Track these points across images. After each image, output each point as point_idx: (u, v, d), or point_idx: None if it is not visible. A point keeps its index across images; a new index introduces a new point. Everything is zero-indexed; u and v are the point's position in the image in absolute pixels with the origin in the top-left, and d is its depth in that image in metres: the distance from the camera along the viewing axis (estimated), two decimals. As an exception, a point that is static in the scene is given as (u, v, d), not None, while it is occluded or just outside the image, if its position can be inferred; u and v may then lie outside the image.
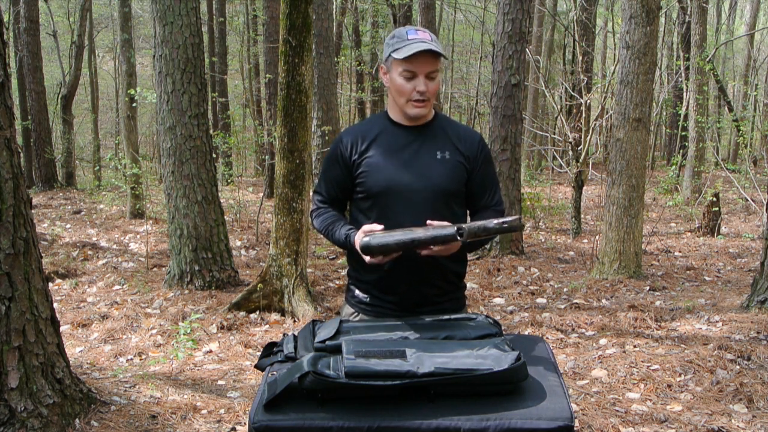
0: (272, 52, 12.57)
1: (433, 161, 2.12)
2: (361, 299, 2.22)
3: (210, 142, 6.34)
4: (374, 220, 2.12)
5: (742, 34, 20.60)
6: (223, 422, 3.31)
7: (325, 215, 2.21)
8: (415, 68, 2.05)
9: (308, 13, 5.19)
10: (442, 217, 2.11)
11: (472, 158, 2.17)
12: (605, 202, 7.00)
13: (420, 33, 2.07)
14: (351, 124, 19.18)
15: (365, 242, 1.91)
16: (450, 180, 2.13)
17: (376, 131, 2.17)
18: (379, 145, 2.14)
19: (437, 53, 2.04)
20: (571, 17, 14.16)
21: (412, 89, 2.07)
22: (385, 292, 2.17)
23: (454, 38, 20.84)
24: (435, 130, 2.17)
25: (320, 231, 2.22)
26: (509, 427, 1.59)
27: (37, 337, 3.00)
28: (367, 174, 2.12)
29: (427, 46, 2.02)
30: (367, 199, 2.14)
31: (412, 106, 2.10)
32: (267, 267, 5.53)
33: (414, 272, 2.12)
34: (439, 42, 2.12)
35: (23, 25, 14.11)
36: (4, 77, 2.92)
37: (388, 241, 1.90)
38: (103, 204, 12.31)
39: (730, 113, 16.36)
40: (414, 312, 2.13)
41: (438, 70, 2.09)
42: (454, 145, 2.16)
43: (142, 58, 22.06)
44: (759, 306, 5.00)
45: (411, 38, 2.05)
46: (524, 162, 12.94)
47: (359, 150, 2.14)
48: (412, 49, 2.02)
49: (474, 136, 2.21)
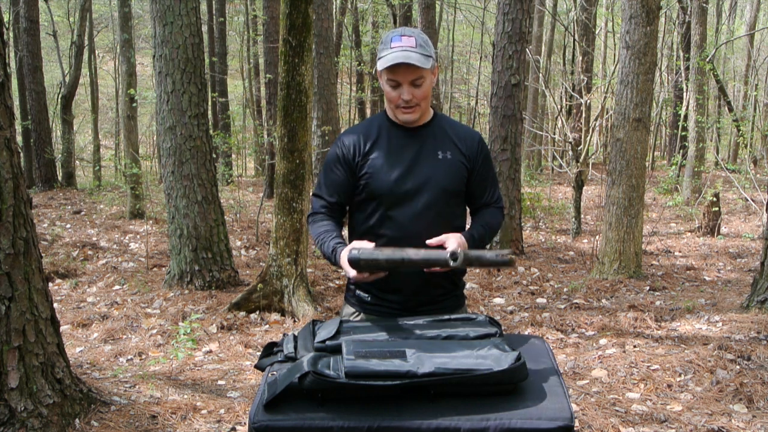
0: (272, 52, 12.57)
1: (434, 161, 2.12)
2: (362, 298, 2.21)
3: (210, 142, 6.34)
4: (377, 221, 2.12)
5: (742, 34, 20.59)
6: (223, 422, 3.31)
7: (321, 223, 2.18)
8: (397, 77, 2.04)
9: (308, 13, 5.19)
10: (444, 217, 2.12)
11: (473, 158, 2.17)
12: (605, 202, 7.00)
13: (405, 39, 2.02)
14: (351, 124, 19.23)
15: (354, 256, 1.85)
16: (452, 180, 2.13)
17: (376, 132, 2.16)
18: (381, 146, 2.14)
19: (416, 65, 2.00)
20: (571, 17, 14.16)
21: (397, 97, 2.06)
22: (387, 292, 2.17)
23: (454, 38, 20.84)
24: (435, 130, 2.17)
25: (313, 238, 2.20)
26: (509, 427, 1.59)
27: (37, 337, 3.00)
28: (371, 176, 2.11)
29: (403, 59, 1.99)
30: (371, 200, 2.13)
31: (401, 112, 2.10)
32: (267, 267, 5.53)
33: (419, 274, 2.12)
34: (429, 45, 2.07)
35: (23, 25, 14.11)
36: (4, 77, 2.92)
37: (378, 257, 1.84)
38: (103, 204, 12.31)
39: (730, 113, 16.36)
40: (415, 311, 2.13)
41: (423, 77, 2.05)
42: (454, 144, 2.16)
43: (142, 58, 22.07)
44: (759, 306, 5.00)
45: (393, 46, 2.02)
46: (524, 162, 12.94)
47: (362, 152, 2.14)
48: (389, 61, 2.00)
49: (474, 136, 2.22)
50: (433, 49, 2.10)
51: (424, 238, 2.08)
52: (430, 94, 2.14)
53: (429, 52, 2.04)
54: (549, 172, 17.93)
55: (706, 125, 13.96)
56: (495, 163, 7.89)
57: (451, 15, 20.33)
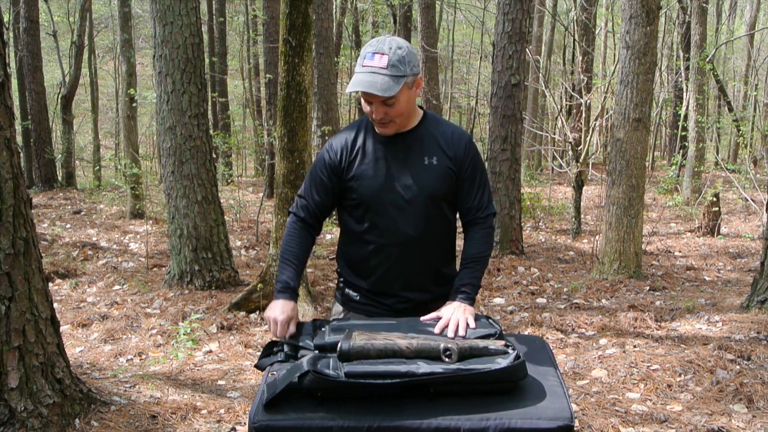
0: (272, 52, 12.57)
1: (420, 168, 2.09)
2: (352, 297, 2.22)
3: (210, 142, 6.34)
4: (366, 227, 2.12)
5: (742, 34, 20.59)
6: (223, 422, 3.31)
7: (293, 236, 2.15)
8: (367, 97, 2.00)
9: (308, 13, 5.19)
10: (432, 220, 2.10)
11: (460, 161, 2.12)
12: (605, 202, 7.00)
13: (377, 58, 1.94)
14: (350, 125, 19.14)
15: (343, 349, 1.70)
16: (439, 186, 2.10)
17: (363, 138, 2.13)
18: (368, 152, 2.11)
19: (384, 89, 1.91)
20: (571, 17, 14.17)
21: (371, 113, 2.03)
22: (378, 296, 2.17)
23: (454, 38, 20.83)
24: (422, 135, 2.12)
25: (281, 245, 2.18)
26: (509, 427, 1.59)
27: (37, 337, 3.00)
28: (358, 182, 2.10)
29: (366, 87, 1.92)
30: (359, 206, 2.12)
31: (377, 125, 2.07)
32: (267, 267, 5.53)
33: (407, 279, 2.13)
34: (406, 61, 1.95)
35: (23, 25, 14.10)
36: (4, 77, 2.92)
37: (369, 350, 1.71)
38: (103, 204, 12.31)
39: (730, 113, 16.36)
40: (403, 313, 2.13)
41: (394, 98, 1.96)
42: (441, 149, 2.11)
43: (142, 58, 22.07)
44: (759, 306, 4.99)
45: (365, 65, 1.95)
46: (524, 162, 12.94)
47: (349, 158, 2.11)
48: (352, 85, 1.95)
49: (462, 138, 2.15)
50: (413, 63, 1.99)
51: (413, 243, 2.09)
52: (412, 105, 2.07)
53: (403, 71, 1.95)
54: (549, 172, 17.93)
55: (706, 125, 13.96)
56: (495, 163, 7.88)
57: (451, 15, 20.32)
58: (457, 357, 1.68)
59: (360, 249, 2.16)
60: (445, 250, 2.22)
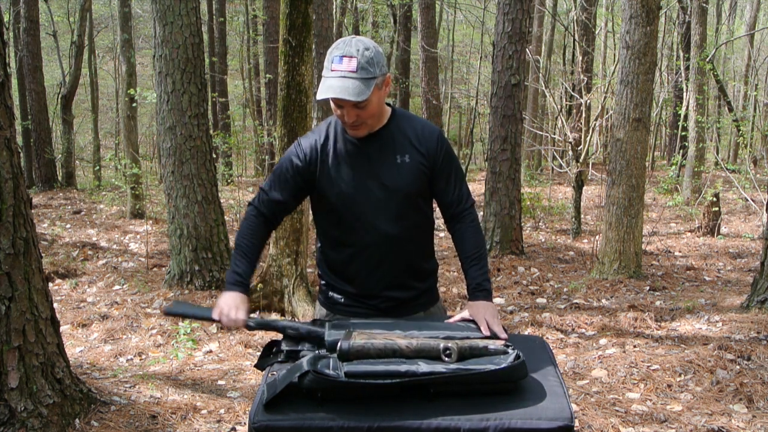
0: (272, 52, 12.58)
1: (392, 166, 2.06)
2: (336, 300, 2.20)
3: (210, 142, 6.34)
4: (343, 230, 2.10)
5: (742, 34, 20.59)
6: (223, 422, 3.31)
7: (253, 228, 2.11)
8: (337, 101, 1.95)
9: (308, 13, 5.19)
10: (410, 218, 2.09)
11: (433, 156, 2.09)
12: (605, 202, 7.00)
13: (345, 61, 1.89)
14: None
15: (343, 348, 1.71)
16: (411, 183, 2.07)
17: (333, 138, 2.09)
18: (338, 152, 2.08)
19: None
20: (571, 17, 14.16)
21: (342, 116, 1.99)
22: (363, 298, 2.17)
23: (454, 38, 20.83)
24: (392, 133, 2.09)
25: (236, 236, 2.14)
26: (509, 427, 1.59)
27: (37, 337, 3.00)
28: (328, 184, 2.07)
29: (336, 93, 1.88)
30: (333, 211, 2.10)
31: (348, 128, 2.04)
32: (267, 267, 5.53)
33: (390, 279, 2.12)
34: (375, 62, 1.91)
35: (23, 25, 14.10)
36: (4, 77, 2.92)
37: (369, 350, 1.72)
38: (103, 204, 12.31)
39: (730, 113, 16.35)
40: (388, 314, 2.13)
41: (366, 100, 1.91)
42: (412, 145, 2.08)
43: (142, 58, 22.05)
44: (759, 306, 4.99)
45: (333, 69, 1.91)
46: (524, 162, 12.94)
47: (318, 159, 2.07)
48: (322, 92, 1.91)
49: (432, 133, 2.12)
50: (381, 63, 1.95)
51: (392, 243, 2.08)
52: (382, 105, 2.04)
53: (372, 73, 1.91)
54: (549, 172, 17.92)
55: (706, 125, 13.95)
56: (495, 163, 7.89)
57: (451, 15, 20.33)
58: (456, 357, 1.68)
59: (340, 253, 2.14)
60: (424, 245, 2.20)
